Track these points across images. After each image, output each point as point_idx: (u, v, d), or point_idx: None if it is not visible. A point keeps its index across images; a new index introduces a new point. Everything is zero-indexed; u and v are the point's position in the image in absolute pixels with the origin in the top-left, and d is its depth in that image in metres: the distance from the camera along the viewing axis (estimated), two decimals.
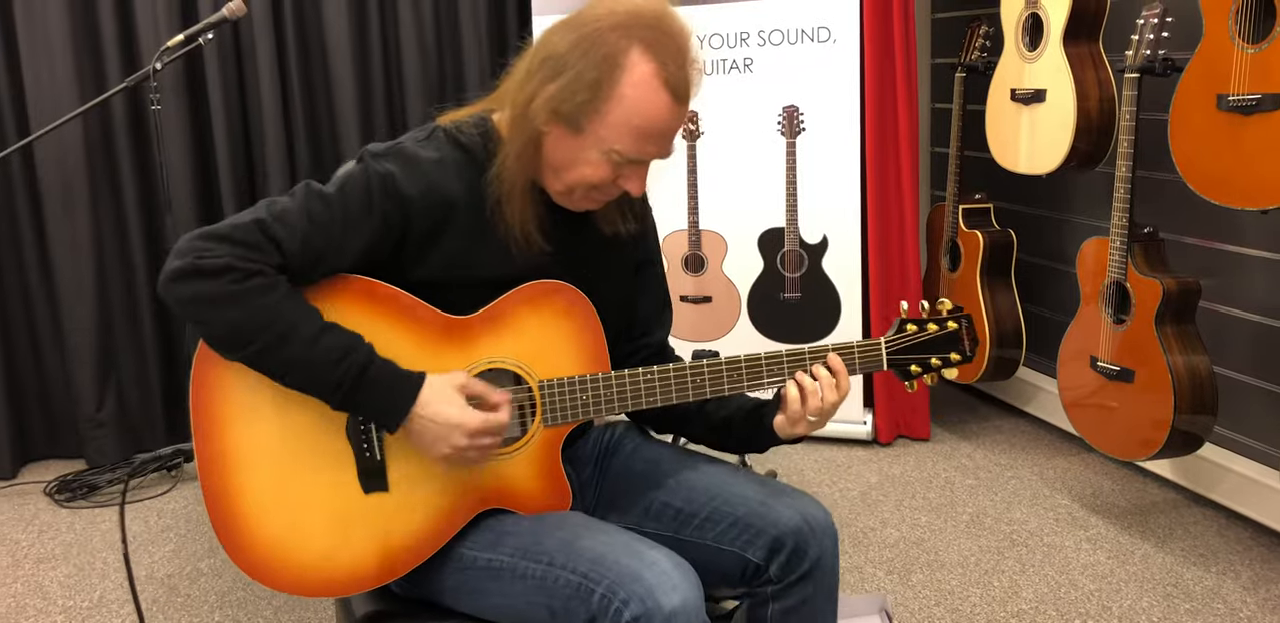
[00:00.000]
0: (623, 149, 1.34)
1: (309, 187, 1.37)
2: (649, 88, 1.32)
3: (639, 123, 1.33)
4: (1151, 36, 2.42)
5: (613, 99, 1.32)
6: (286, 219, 1.32)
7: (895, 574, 2.50)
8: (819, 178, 3.19)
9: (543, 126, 1.35)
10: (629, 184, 1.39)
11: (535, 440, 1.44)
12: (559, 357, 1.43)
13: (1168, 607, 2.32)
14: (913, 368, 1.49)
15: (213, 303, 1.29)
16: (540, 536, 1.38)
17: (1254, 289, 2.64)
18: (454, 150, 1.41)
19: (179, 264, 1.29)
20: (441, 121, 1.45)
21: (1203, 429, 2.49)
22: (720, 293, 3.34)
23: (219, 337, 1.32)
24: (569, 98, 1.32)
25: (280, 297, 1.30)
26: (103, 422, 3.28)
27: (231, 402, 1.36)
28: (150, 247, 3.32)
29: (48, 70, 3.12)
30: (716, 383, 1.44)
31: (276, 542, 1.38)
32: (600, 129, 1.33)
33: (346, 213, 1.34)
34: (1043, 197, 3.39)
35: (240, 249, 1.29)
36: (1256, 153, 2.14)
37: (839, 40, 3.14)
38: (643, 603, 1.26)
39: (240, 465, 1.37)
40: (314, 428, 1.37)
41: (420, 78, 3.46)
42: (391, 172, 1.36)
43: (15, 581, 2.59)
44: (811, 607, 1.46)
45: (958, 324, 1.48)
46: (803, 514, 1.45)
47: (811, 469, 3.14)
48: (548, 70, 1.33)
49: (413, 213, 1.37)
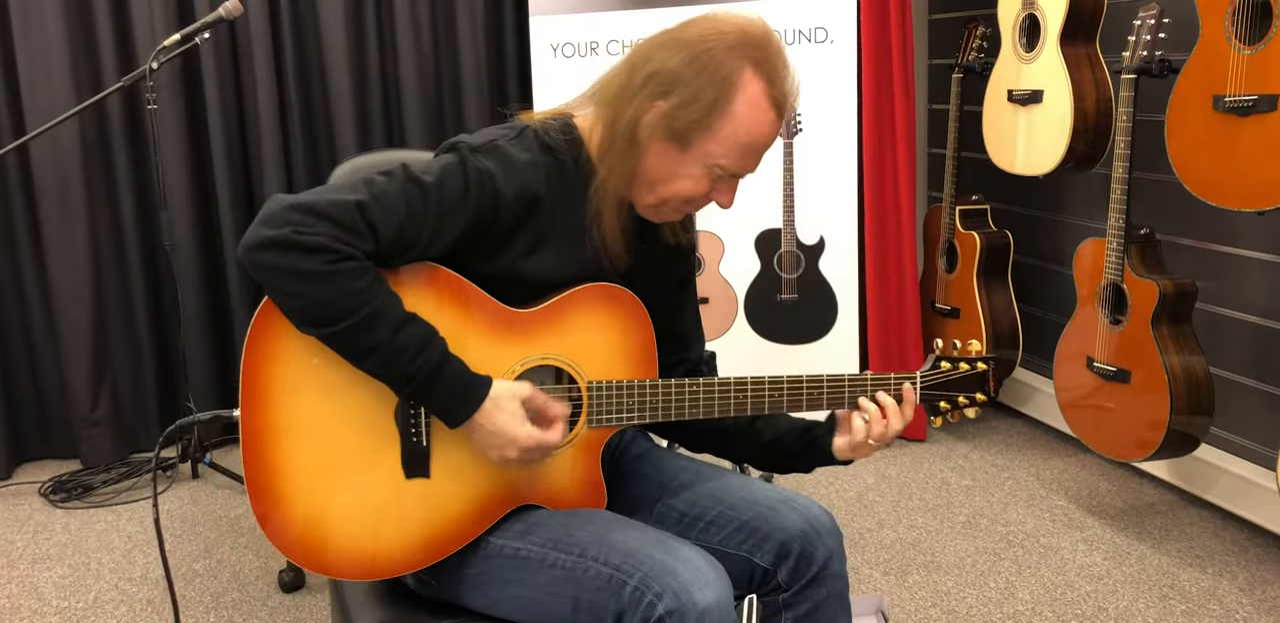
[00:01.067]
0: (727, 164, 1.38)
1: (408, 171, 1.36)
2: (759, 106, 1.36)
3: (746, 139, 1.37)
4: (1148, 37, 2.42)
5: (725, 116, 1.35)
6: (384, 203, 1.32)
7: (892, 575, 2.50)
8: (816, 178, 3.19)
9: (647, 142, 1.38)
10: (722, 197, 1.43)
11: (578, 441, 1.45)
12: (610, 359, 1.45)
13: (1163, 608, 2.32)
14: (941, 405, 1.53)
15: (303, 278, 1.27)
16: (572, 528, 1.39)
17: (1250, 290, 2.64)
18: (543, 153, 1.42)
19: (273, 233, 1.27)
20: (527, 120, 1.46)
21: (1199, 430, 2.49)
22: (717, 293, 3.34)
23: (301, 311, 1.30)
24: (682, 115, 1.35)
25: (369, 281, 1.30)
26: (98, 422, 3.28)
27: (284, 375, 1.36)
28: (146, 246, 3.31)
29: (44, 69, 3.12)
30: (775, 401, 1.46)
31: (313, 519, 1.37)
32: (709, 145, 1.36)
33: (442, 205, 1.34)
34: (1039, 197, 3.39)
35: (338, 229, 1.28)
36: (1253, 154, 2.14)
37: (836, 41, 3.14)
38: (676, 598, 1.25)
39: (285, 439, 1.36)
40: (363, 409, 1.37)
41: (416, 77, 3.45)
42: (490, 168, 1.37)
43: (10, 582, 2.59)
44: (824, 611, 1.45)
45: (987, 366, 1.54)
46: (807, 518, 1.45)
47: None
48: (656, 87, 1.36)
49: (503, 211, 1.38)
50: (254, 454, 1.36)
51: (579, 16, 3.20)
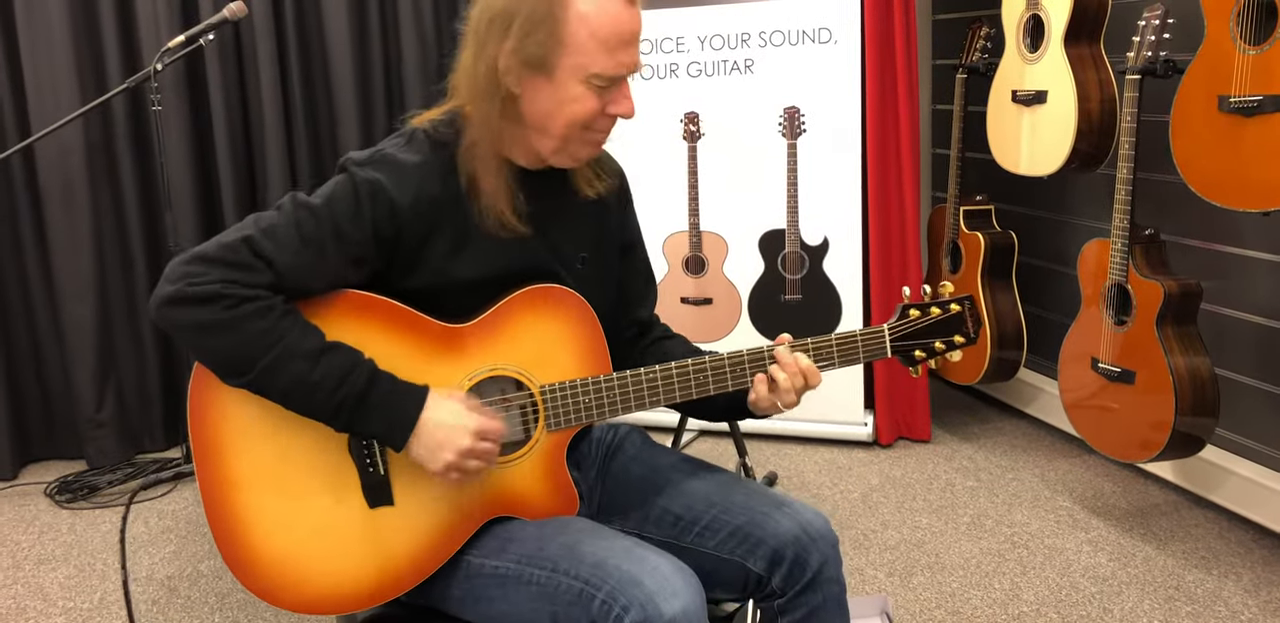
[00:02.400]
0: (600, 69, 1.33)
1: (295, 198, 1.35)
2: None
3: (605, 34, 1.32)
4: (1153, 38, 2.42)
5: (571, 23, 1.31)
6: (275, 234, 1.31)
7: (896, 576, 2.50)
8: (820, 179, 3.19)
9: (513, 85, 1.34)
10: (619, 107, 1.38)
11: (539, 446, 1.43)
12: (559, 361, 1.43)
13: (1169, 610, 2.32)
14: (917, 354, 1.48)
15: (206, 330, 1.27)
16: (543, 542, 1.38)
17: (1255, 291, 2.64)
18: (434, 150, 1.40)
19: (169, 290, 1.28)
20: (416, 123, 1.45)
21: (1204, 431, 2.48)
22: (721, 294, 3.33)
23: (216, 363, 1.31)
24: (530, 41, 1.31)
25: (275, 319, 1.28)
26: (103, 422, 3.28)
27: (230, 425, 1.35)
28: (151, 247, 3.31)
29: (48, 71, 3.12)
30: (720, 380, 1.44)
31: (283, 563, 1.37)
32: (572, 58, 1.32)
33: (336, 224, 1.32)
34: (1044, 198, 3.38)
35: (230, 271, 1.28)
36: (1257, 154, 2.14)
37: (840, 41, 3.13)
38: (643, 609, 1.25)
39: (243, 488, 1.36)
40: (315, 447, 1.37)
41: (420, 78, 3.46)
42: (378, 178, 1.34)
43: (15, 582, 2.59)
44: (820, 617, 1.44)
45: (961, 307, 1.47)
46: (800, 523, 1.44)
47: (812, 471, 3.14)
48: (495, 30, 1.33)
49: (403, 219, 1.35)
50: (215, 506, 1.36)
51: None
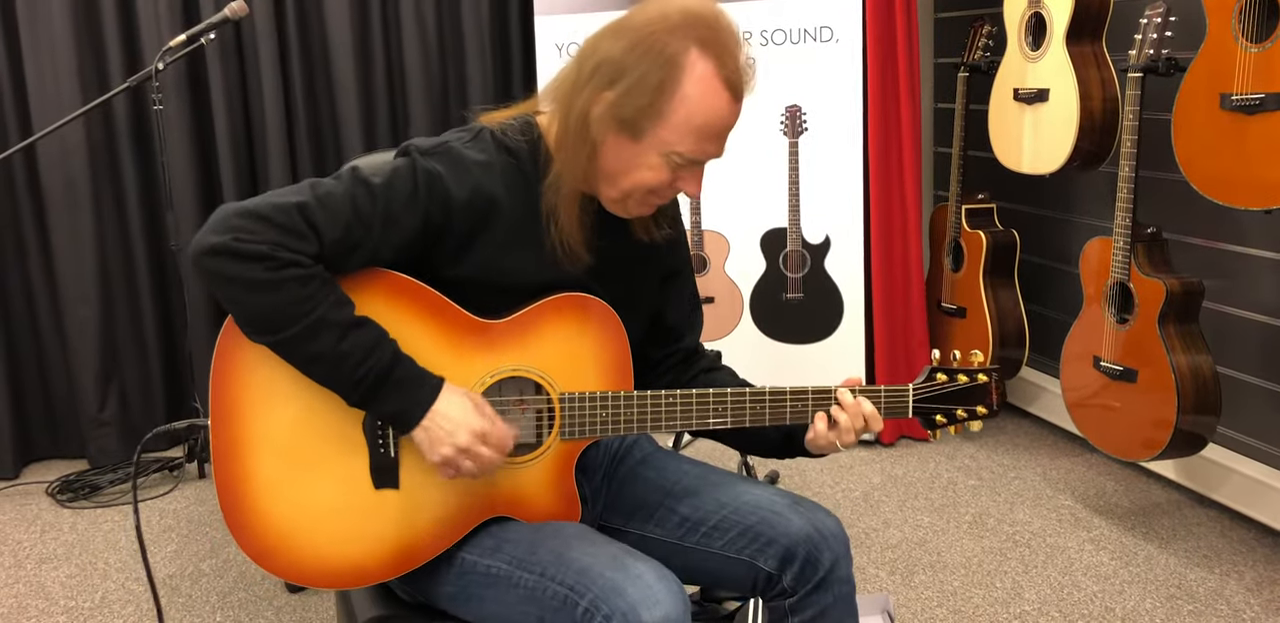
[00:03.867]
0: (684, 150, 1.34)
1: (356, 173, 1.35)
2: (709, 87, 1.31)
3: (700, 122, 1.32)
4: (1155, 36, 2.42)
5: (674, 100, 1.31)
6: (329, 205, 1.30)
7: (898, 575, 2.49)
8: (821, 177, 3.19)
9: (600, 135, 1.34)
10: (687, 186, 1.39)
11: (550, 453, 1.43)
12: (583, 371, 1.42)
13: (1171, 608, 2.31)
14: (938, 418, 1.47)
15: (246, 287, 1.27)
16: (535, 545, 1.38)
17: (1257, 289, 2.63)
18: (500, 154, 1.40)
19: (216, 241, 1.26)
20: (486, 121, 1.44)
21: (1206, 430, 2.48)
22: (722, 293, 3.33)
23: (246, 318, 1.31)
24: (629, 102, 1.31)
25: (315, 288, 1.28)
26: (105, 422, 3.28)
27: (252, 386, 1.35)
28: (152, 247, 3.31)
29: (50, 70, 3.13)
30: (738, 415, 1.43)
31: (284, 528, 1.37)
32: (661, 131, 1.32)
33: (389, 207, 1.32)
34: (1046, 196, 3.38)
35: (280, 233, 1.27)
36: (1260, 152, 2.14)
37: (841, 40, 3.13)
38: (625, 619, 1.25)
39: (255, 451, 1.36)
40: (332, 418, 1.37)
41: (422, 78, 3.46)
42: (439, 171, 1.35)
43: (17, 581, 2.60)
44: (830, 616, 1.44)
45: (988, 378, 1.46)
46: (812, 522, 1.44)
47: (814, 470, 3.14)
48: (602, 77, 1.32)
49: (455, 213, 1.35)
50: (225, 466, 1.36)
51: (584, 17, 3.20)
